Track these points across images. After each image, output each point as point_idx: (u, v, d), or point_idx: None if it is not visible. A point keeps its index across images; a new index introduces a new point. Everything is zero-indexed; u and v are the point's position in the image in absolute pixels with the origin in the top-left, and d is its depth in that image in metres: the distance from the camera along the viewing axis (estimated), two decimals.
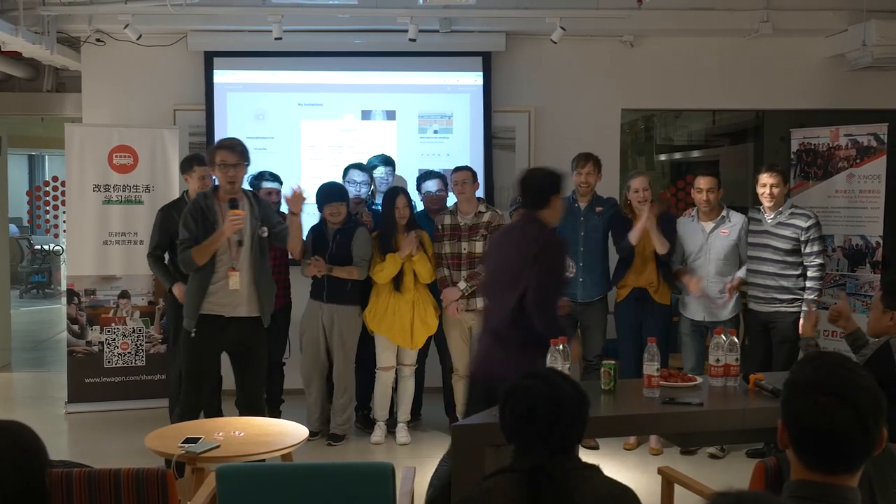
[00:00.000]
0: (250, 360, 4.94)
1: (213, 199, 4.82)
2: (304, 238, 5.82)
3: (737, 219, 5.57)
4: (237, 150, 4.80)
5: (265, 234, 4.87)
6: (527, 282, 3.88)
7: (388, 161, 6.28)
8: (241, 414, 4.88)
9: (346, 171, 6.17)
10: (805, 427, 1.85)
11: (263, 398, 5.15)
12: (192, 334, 4.78)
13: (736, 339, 4.22)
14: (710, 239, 5.53)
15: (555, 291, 4.02)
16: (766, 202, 5.47)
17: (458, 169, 5.91)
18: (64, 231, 7.45)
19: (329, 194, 5.74)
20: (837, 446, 1.83)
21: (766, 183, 5.45)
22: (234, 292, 4.77)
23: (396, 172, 6.39)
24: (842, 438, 1.82)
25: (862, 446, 1.83)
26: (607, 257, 5.86)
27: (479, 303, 5.71)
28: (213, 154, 4.81)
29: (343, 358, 5.80)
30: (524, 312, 3.91)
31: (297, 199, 5.02)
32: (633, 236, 5.53)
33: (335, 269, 5.65)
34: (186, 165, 5.69)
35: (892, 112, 6.94)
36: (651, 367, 4.01)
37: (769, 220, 5.48)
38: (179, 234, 4.83)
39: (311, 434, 5.77)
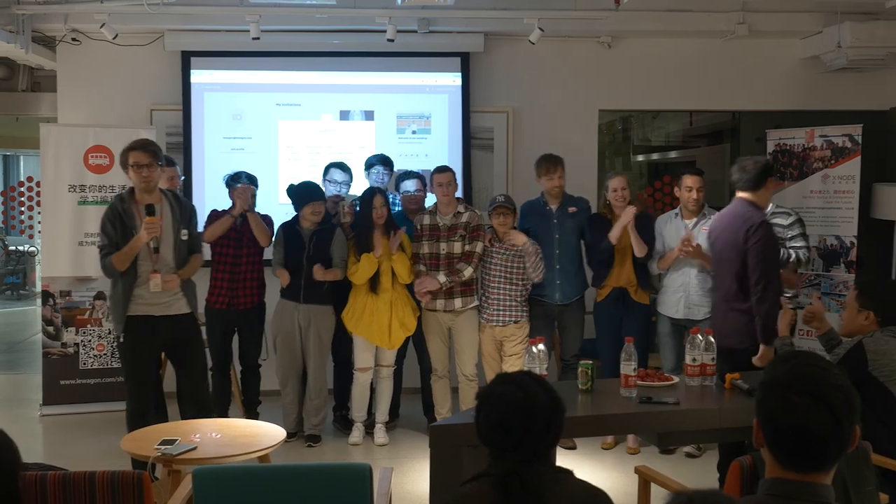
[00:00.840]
0: (187, 355, 4.97)
1: (129, 202, 4.78)
2: (275, 235, 5.87)
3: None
4: (149, 150, 4.78)
5: (185, 238, 4.89)
6: (746, 257, 4.49)
7: (385, 161, 6.27)
8: (186, 411, 4.92)
9: (326, 169, 6.16)
10: (779, 426, 1.86)
11: (210, 393, 5.16)
12: (121, 339, 4.79)
13: (713, 339, 4.25)
14: (693, 235, 5.53)
15: (773, 265, 4.54)
16: None
17: (440, 170, 5.88)
18: (39, 232, 7.39)
19: (310, 194, 5.74)
20: (811, 445, 1.84)
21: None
22: (158, 294, 4.78)
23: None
24: (815, 437, 1.83)
25: (836, 445, 1.85)
26: (582, 257, 5.87)
27: (458, 303, 5.73)
28: (126, 155, 4.76)
29: (318, 358, 5.79)
30: (747, 284, 4.52)
31: (244, 192, 5.67)
32: (614, 235, 5.56)
33: (325, 273, 5.65)
34: None
35: (867, 113, 7.01)
36: (628, 367, 4.03)
37: None
38: (99, 240, 4.80)
39: (289, 435, 5.77)
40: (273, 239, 5.85)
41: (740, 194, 4.67)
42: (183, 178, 6.42)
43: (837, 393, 1.85)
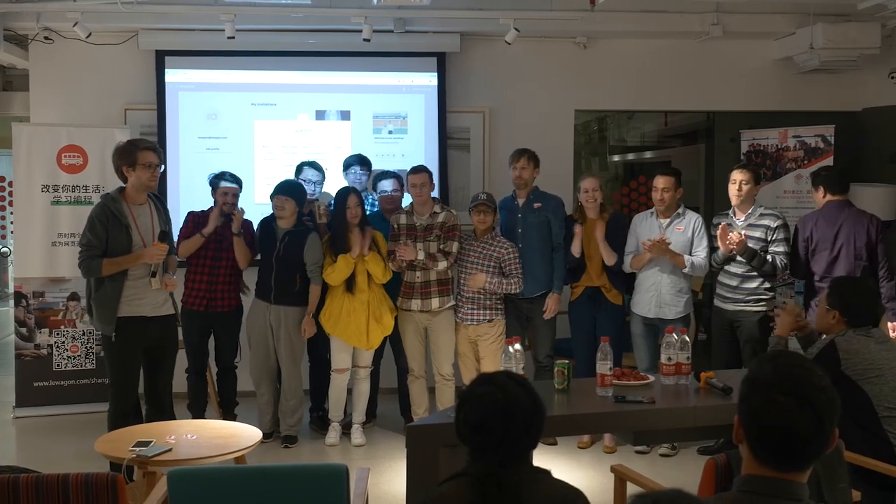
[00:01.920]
0: (165, 357, 5.01)
1: (121, 201, 4.80)
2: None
3: (691, 216, 5.62)
4: (159, 151, 4.89)
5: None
6: (876, 251, 5.32)
7: (362, 161, 6.25)
8: (150, 411, 4.98)
9: (299, 168, 6.14)
10: (763, 424, 1.87)
11: (170, 396, 5.18)
12: (113, 339, 4.78)
13: (687, 338, 4.28)
14: (665, 234, 5.55)
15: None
16: (734, 200, 5.52)
17: (415, 171, 5.86)
18: (11, 232, 7.32)
19: (277, 187, 5.75)
20: (794, 444, 1.85)
21: (735, 179, 5.52)
22: (153, 292, 4.83)
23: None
24: (798, 437, 1.84)
25: (817, 444, 1.86)
26: (549, 251, 5.88)
27: (435, 303, 5.72)
28: (135, 154, 4.76)
29: (291, 359, 5.77)
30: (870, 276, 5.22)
31: (238, 220, 5.65)
32: (575, 249, 5.63)
33: (310, 304, 5.71)
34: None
35: (839, 114, 7.08)
36: (604, 366, 4.05)
37: (740, 223, 5.50)
38: (83, 238, 4.79)
39: (265, 435, 5.75)
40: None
41: (836, 197, 5.44)
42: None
43: (821, 394, 1.86)
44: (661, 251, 5.43)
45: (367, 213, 5.87)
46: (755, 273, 5.43)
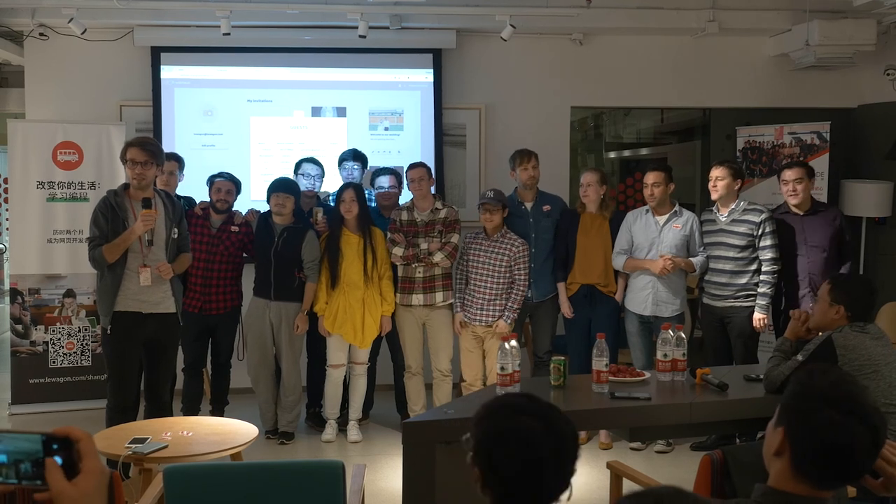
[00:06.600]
0: (163, 356, 5.02)
1: (123, 196, 4.83)
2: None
3: (687, 214, 5.61)
4: (146, 149, 4.80)
5: (175, 236, 4.95)
6: None
7: (357, 156, 6.25)
8: (149, 408, 4.99)
9: (298, 164, 6.13)
10: (826, 443, 1.83)
11: (169, 394, 5.23)
12: (108, 331, 4.81)
13: (683, 335, 4.28)
14: (662, 232, 5.55)
15: None
16: (713, 195, 5.53)
17: (413, 166, 5.91)
18: (7, 229, 7.31)
19: (276, 185, 5.74)
20: (851, 463, 1.83)
21: (712, 176, 5.53)
22: (148, 289, 4.83)
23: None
24: (856, 456, 1.82)
25: (868, 464, 1.86)
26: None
27: (439, 297, 5.71)
28: (124, 151, 4.82)
29: (291, 355, 5.78)
30: None
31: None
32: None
33: (305, 302, 5.72)
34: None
35: (835, 111, 7.09)
36: (600, 363, 4.05)
37: (723, 219, 5.51)
38: (88, 232, 4.84)
39: (269, 432, 5.77)
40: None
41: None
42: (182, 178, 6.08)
43: (877, 414, 1.84)
44: (677, 266, 5.43)
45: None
46: (745, 269, 5.44)
